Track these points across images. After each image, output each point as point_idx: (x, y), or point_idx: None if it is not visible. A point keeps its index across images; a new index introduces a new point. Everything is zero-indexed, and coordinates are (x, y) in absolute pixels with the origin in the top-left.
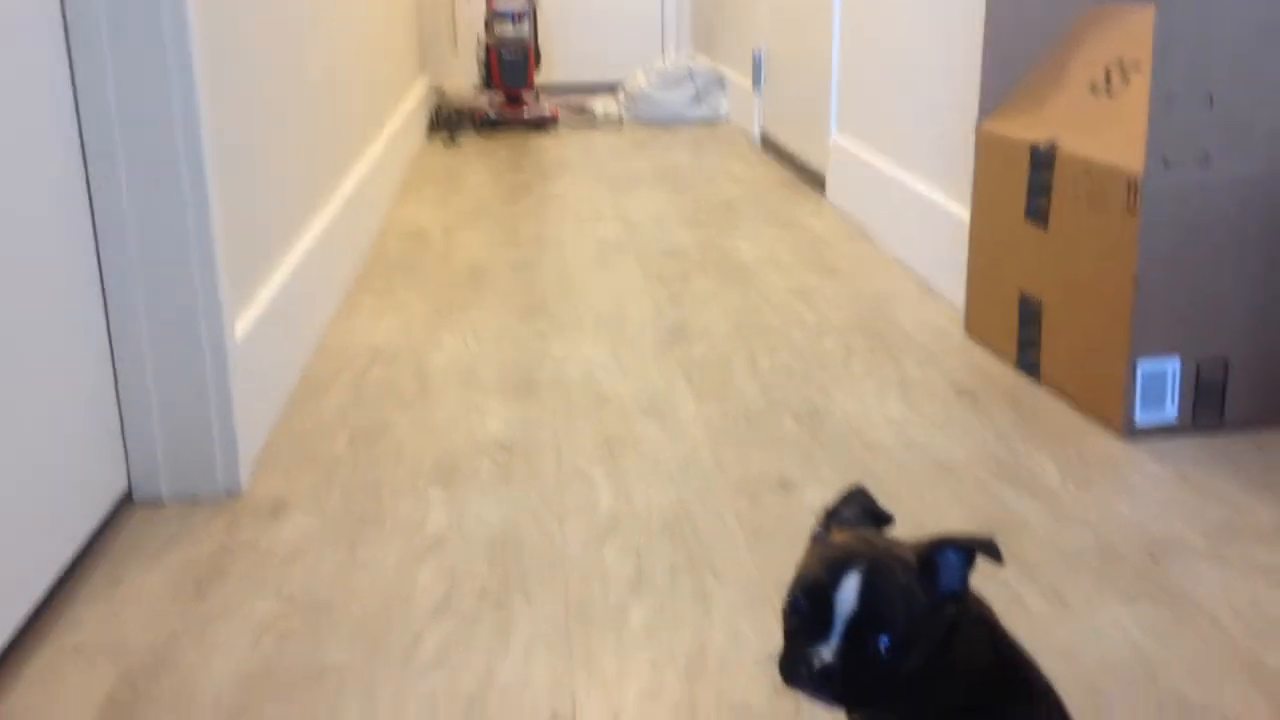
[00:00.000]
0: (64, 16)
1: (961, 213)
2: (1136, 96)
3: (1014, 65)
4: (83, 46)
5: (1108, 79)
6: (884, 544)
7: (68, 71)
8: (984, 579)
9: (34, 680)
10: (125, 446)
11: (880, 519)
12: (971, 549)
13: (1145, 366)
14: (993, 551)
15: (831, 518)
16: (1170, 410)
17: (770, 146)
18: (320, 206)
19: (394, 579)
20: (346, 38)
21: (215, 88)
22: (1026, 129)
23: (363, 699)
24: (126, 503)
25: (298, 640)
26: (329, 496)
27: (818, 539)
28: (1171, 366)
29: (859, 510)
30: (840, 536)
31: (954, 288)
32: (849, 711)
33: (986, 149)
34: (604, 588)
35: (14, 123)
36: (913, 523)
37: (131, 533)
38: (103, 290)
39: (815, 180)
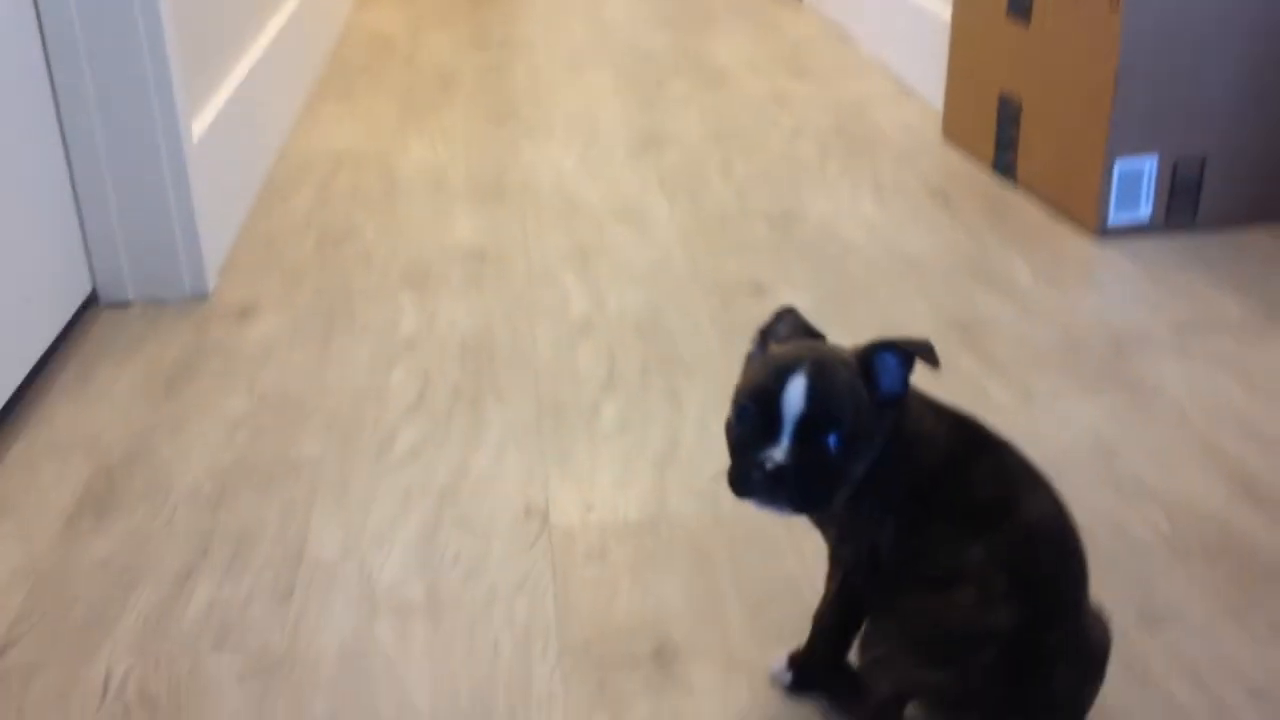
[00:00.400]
0: None
1: (943, 12)
2: None
3: None
4: None
5: None
6: (824, 349)
7: None
8: (950, 374)
9: (8, 476)
10: (87, 248)
11: (813, 335)
12: (909, 352)
13: (1122, 165)
14: (929, 356)
15: (766, 335)
16: (1144, 209)
17: None
18: (276, 7)
19: (366, 378)
20: None
21: None
22: None
23: (337, 490)
24: (92, 306)
25: (271, 435)
26: (298, 299)
27: (754, 357)
28: (1148, 165)
29: (792, 327)
30: (779, 348)
31: (933, 90)
32: (804, 515)
33: None
34: (576, 387)
35: None
36: (883, 321)
37: (99, 334)
38: (53, 90)
39: None
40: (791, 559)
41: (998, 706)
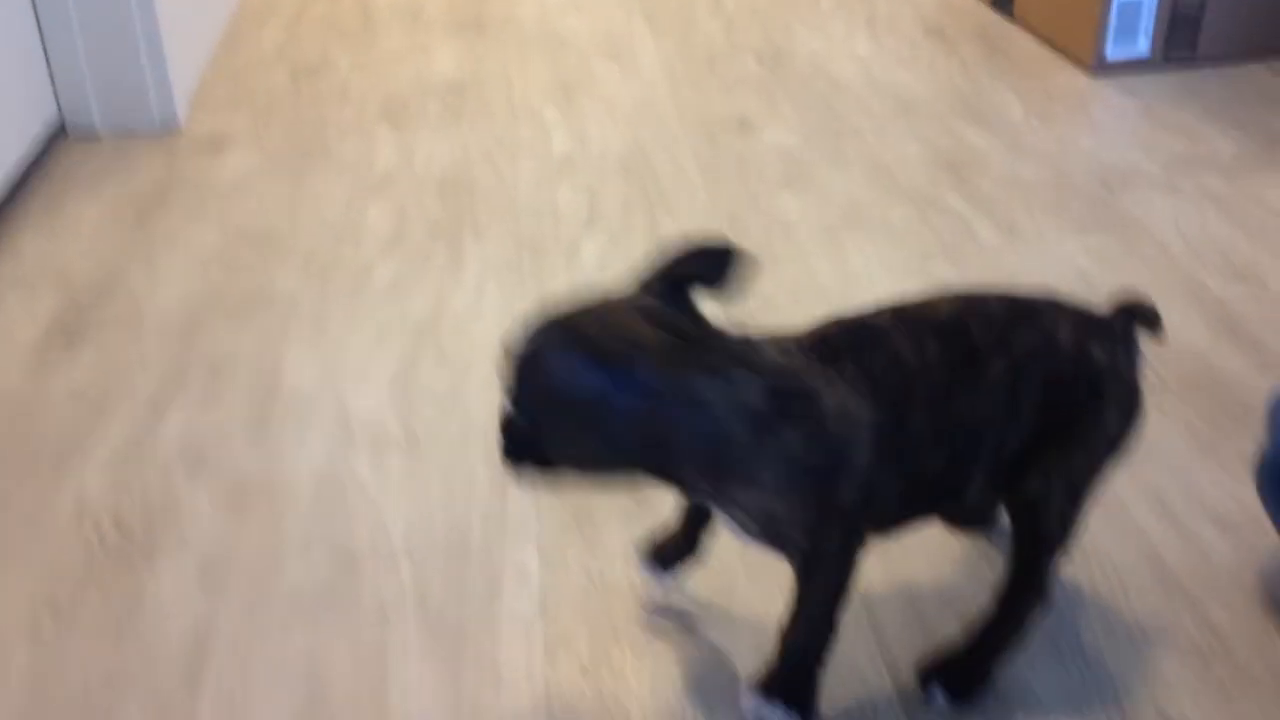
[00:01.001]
0: None
1: None
2: None
3: None
4: None
5: None
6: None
7: None
8: (938, 213)
9: None
10: (52, 77)
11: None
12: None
13: None
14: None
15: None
16: (1142, 44)
17: None
18: None
19: (342, 214)
20: None
21: None
22: None
23: (313, 324)
24: (60, 137)
25: (245, 269)
26: (271, 132)
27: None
28: None
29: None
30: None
31: None
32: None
33: None
34: (556, 224)
35: None
36: (873, 161)
37: (67, 166)
38: None
39: None
40: None
41: None
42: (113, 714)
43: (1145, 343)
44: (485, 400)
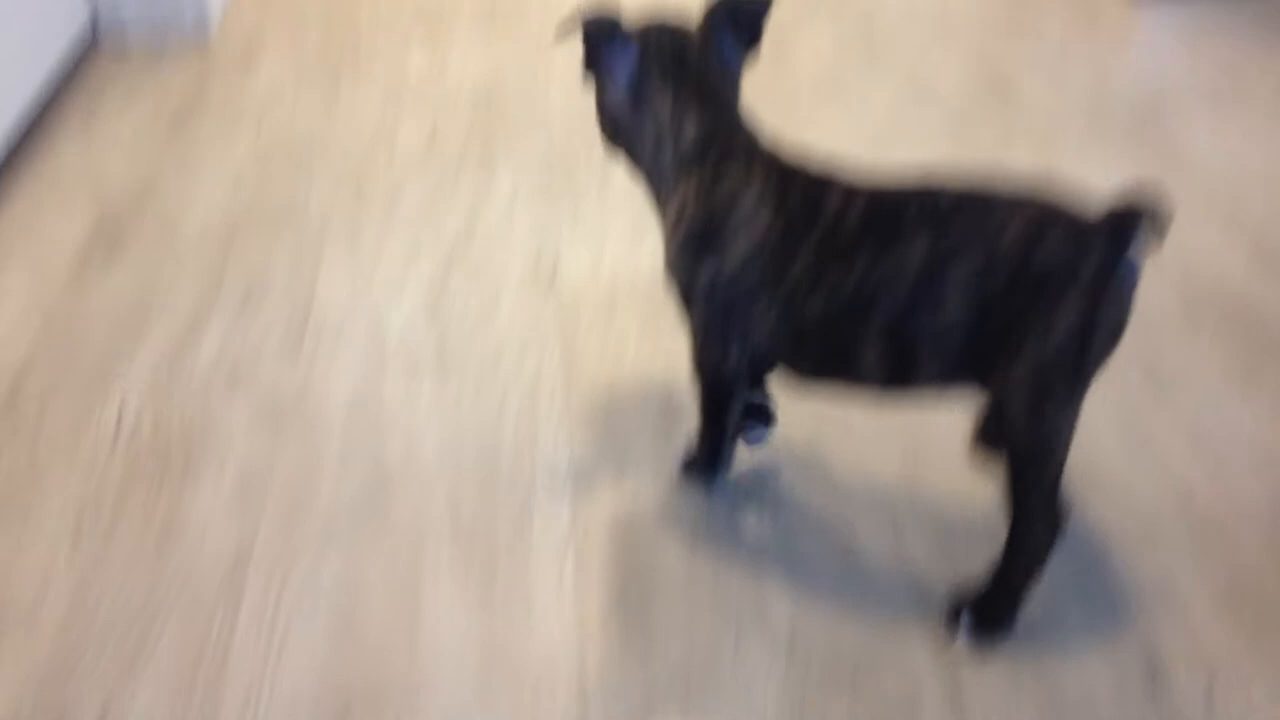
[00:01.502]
0: None
1: None
2: None
3: None
4: None
5: None
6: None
7: None
8: (978, 132)
9: (14, 217)
10: None
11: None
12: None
13: None
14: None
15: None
16: None
17: None
18: None
19: (375, 128)
20: None
21: None
22: None
23: (348, 240)
24: (93, 50)
25: (279, 180)
26: (304, 43)
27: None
28: None
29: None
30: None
31: None
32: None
33: None
34: (589, 145)
35: None
36: (908, 75)
37: (102, 79)
38: None
39: None
40: None
41: None
42: (151, 628)
43: (1180, 269)
44: (516, 318)
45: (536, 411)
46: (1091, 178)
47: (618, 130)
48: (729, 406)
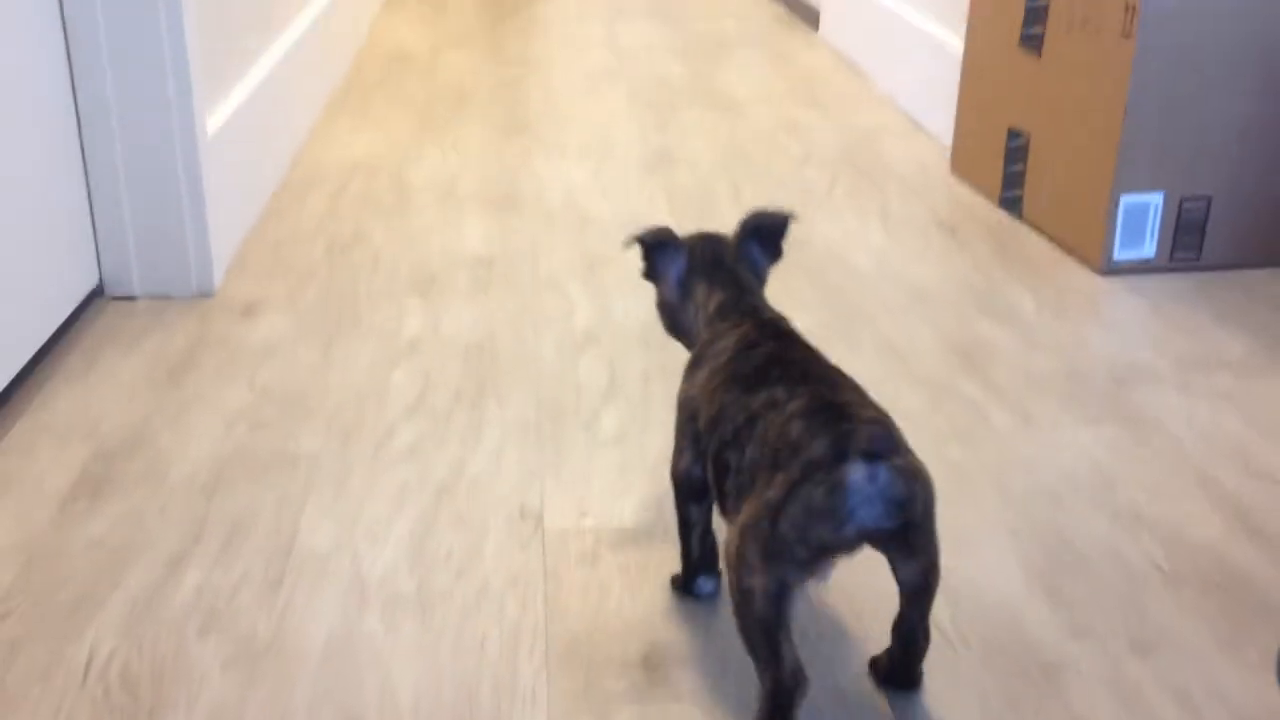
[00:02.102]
0: None
1: (956, 46)
2: None
3: None
4: None
5: None
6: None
7: None
8: (951, 398)
9: (7, 456)
10: (95, 238)
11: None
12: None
13: (1128, 201)
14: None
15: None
16: (1149, 247)
17: None
18: (296, 14)
19: (368, 378)
20: None
21: None
22: None
23: (335, 484)
24: (98, 297)
25: (271, 429)
26: (304, 299)
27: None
28: (1154, 201)
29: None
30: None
31: (943, 126)
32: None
33: None
34: (576, 394)
35: None
36: (886, 345)
37: (104, 325)
38: (71, 81)
39: (810, 16)
40: None
41: None
42: None
43: (1160, 538)
44: (499, 563)
45: (517, 655)
46: (1070, 442)
47: (673, 321)
48: (689, 515)
